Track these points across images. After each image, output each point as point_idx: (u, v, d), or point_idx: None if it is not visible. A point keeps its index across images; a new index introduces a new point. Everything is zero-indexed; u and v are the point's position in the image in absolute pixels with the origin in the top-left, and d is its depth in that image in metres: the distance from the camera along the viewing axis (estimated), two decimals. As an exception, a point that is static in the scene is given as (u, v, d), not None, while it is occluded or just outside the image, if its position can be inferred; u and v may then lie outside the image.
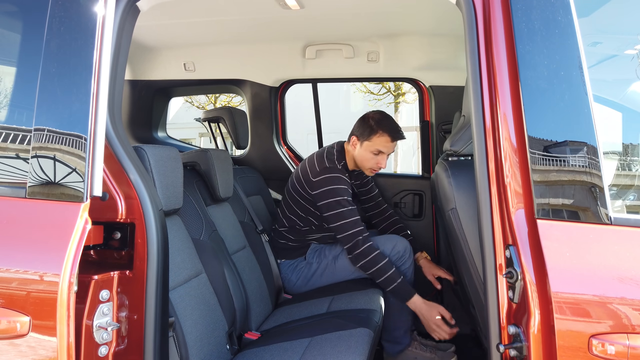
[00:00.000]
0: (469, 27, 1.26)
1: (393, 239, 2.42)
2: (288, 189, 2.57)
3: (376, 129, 2.35)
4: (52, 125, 1.25)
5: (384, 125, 2.35)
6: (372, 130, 2.36)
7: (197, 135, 15.05)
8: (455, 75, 2.76)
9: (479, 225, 1.21)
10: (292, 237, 2.57)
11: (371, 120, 2.38)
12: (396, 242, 2.40)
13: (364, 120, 2.41)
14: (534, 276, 1.09)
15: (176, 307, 1.55)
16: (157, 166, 1.52)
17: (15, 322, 1.17)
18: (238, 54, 2.87)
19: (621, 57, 1.43)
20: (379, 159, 2.39)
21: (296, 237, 2.57)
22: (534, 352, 1.08)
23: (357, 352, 1.67)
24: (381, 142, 2.35)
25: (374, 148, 2.36)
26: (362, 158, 2.41)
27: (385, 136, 2.35)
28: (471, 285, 1.60)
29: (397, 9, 2.23)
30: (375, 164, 2.40)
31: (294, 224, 2.55)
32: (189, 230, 1.83)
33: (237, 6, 2.21)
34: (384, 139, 2.35)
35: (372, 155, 2.38)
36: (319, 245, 2.59)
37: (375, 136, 2.35)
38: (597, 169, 1.12)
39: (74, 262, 1.15)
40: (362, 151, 2.40)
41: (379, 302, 2.22)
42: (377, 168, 2.43)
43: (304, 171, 2.46)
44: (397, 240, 2.41)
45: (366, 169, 2.45)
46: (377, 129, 2.35)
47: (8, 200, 1.28)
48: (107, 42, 1.24)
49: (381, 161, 2.39)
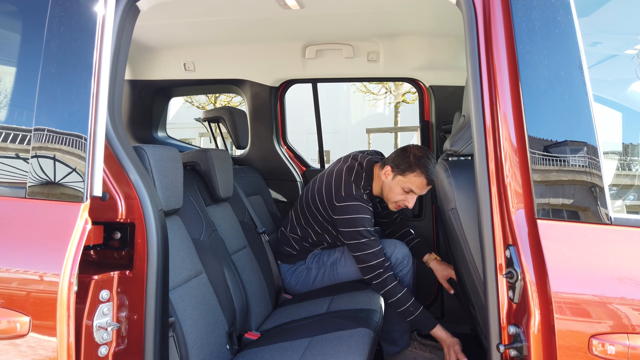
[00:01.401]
0: (469, 27, 1.26)
1: (393, 244, 2.40)
2: (307, 200, 2.45)
3: (415, 168, 2.17)
4: (52, 125, 1.25)
5: (424, 165, 2.17)
6: (409, 166, 2.18)
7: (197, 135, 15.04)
8: (455, 75, 2.76)
9: (479, 225, 1.21)
10: (298, 247, 2.55)
11: (412, 156, 2.19)
12: (395, 247, 2.37)
13: (404, 153, 2.23)
14: (534, 276, 1.09)
15: (176, 307, 1.55)
16: (157, 166, 1.52)
17: (15, 322, 1.17)
18: (238, 54, 2.87)
19: (621, 57, 1.43)
20: (408, 198, 2.24)
21: (303, 247, 2.55)
22: (534, 352, 1.08)
23: (357, 352, 1.67)
24: (416, 182, 2.18)
25: (406, 185, 2.20)
26: (390, 191, 2.26)
27: (422, 178, 2.17)
28: (471, 285, 1.60)
29: (397, 9, 2.22)
30: (403, 200, 2.25)
31: (307, 235, 2.51)
32: (189, 230, 1.83)
33: (237, 6, 2.21)
34: (420, 180, 2.18)
35: (401, 192, 2.23)
36: (319, 250, 2.59)
37: (412, 174, 2.18)
38: (597, 169, 1.12)
39: (74, 262, 1.15)
40: (393, 184, 2.24)
41: (379, 302, 2.22)
42: (402, 205, 2.28)
43: (328, 190, 2.33)
44: (397, 246, 2.38)
45: (391, 202, 2.30)
46: (416, 168, 2.17)
47: (8, 200, 1.28)
48: (107, 42, 1.24)
49: (410, 200, 2.24)
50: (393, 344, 2.41)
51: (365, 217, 2.22)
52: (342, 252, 2.50)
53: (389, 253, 2.35)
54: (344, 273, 2.47)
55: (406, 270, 2.38)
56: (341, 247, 2.52)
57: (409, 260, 2.40)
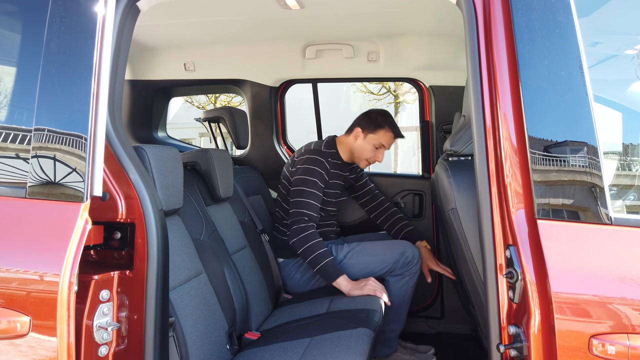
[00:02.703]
0: (469, 27, 1.26)
1: (403, 245, 2.44)
2: (282, 182, 2.64)
3: (383, 125, 2.52)
4: (52, 125, 1.25)
5: (390, 123, 2.55)
6: (378, 125, 2.52)
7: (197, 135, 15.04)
8: (455, 75, 2.76)
9: (479, 225, 1.21)
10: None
11: (378, 117, 2.56)
12: (406, 248, 2.42)
13: (369, 115, 2.58)
14: (534, 276, 1.09)
15: (176, 307, 1.55)
16: (157, 166, 1.52)
17: (16, 322, 1.17)
18: (238, 54, 2.87)
19: (621, 57, 1.43)
20: (378, 153, 2.55)
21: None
22: (534, 352, 1.08)
23: (357, 352, 1.67)
24: (386, 137, 2.53)
25: (377, 142, 2.52)
26: (362, 149, 2.55)
27: (390, 133, 2.53)
28: (471, 285, 1.60)
29: (397, 9, 2.22)
30: (374, 156, 2.56)
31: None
32: (189, 230, 1.83)
33: (237, 6, 2.21)
34: (389, 135, 2.53)
35: (372, 148, 2.53)
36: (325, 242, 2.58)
37: (381, 131, 2.52)
38: (598, 169, 1.12)
39: (74, 262, 1.15)
40: (364, 143, 2.54)
41: (379, 302, 2.22)
42: (373, 161, 2.57)
43: (292, 157, 2.61)
44: (407, 247, 2.43)
45: (362, 160, 2.58)
46: (384, 124, 2.52)
47: (8, 200, 1.28)
48: (107, 42, 1.24)
49: (379, 155, 2.56)
50: (388, 345, 2.41)
51: (319, 171, 2.44)
52: (350, 248, 2.49)
53: (399, 253, 2.39)
54: (348, 267, 2.45)
55: (415, 270, 2.42)
56: (349, 244, 2.53)
57: (418, 260, 2.43)
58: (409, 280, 2.40)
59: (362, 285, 2.25)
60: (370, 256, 2.42)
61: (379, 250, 2.43)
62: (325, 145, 2.59)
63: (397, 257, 2.37)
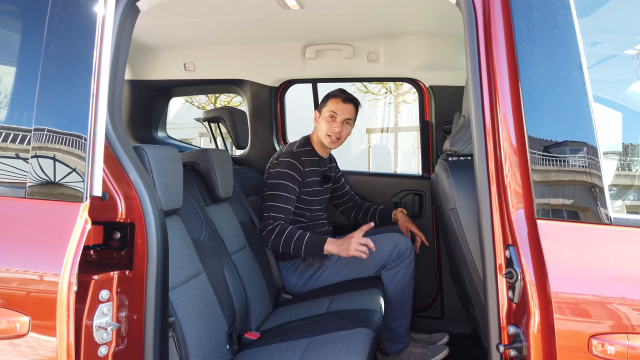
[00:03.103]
0: (469, 27, 1.26)
1: (395, 237, 2.45)
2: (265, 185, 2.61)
3: (330, 95, 2.57)
4: (52, 125, 1.25)
5: (337, 91, 2.58)
6: (327, 97, 2.58)
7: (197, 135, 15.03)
8: (455, 75, 2.76)
9: (479, 225, 1.21)
10: None
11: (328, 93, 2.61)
12: (398, 240, 2.43)
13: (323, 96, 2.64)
14: (533, 276, 1.09)
15: (176, 307, 1.55)
16: (157, 166, 1.52)
17: (15, 322, 1.17)
18: (238, 54, 2.87)
19: (621, 57, 1.43)
20: (333, 124, 2.52)
21: None
22: (533, 353, 1.08)
23: (357, 352, 1.67)
24: (334, 104, 2.53)
25: (327, 113, 2.53)
26: (320, 129, 2.56)
27: (334, 98, 2.54)
28: (471, 285, 1.60)
29: (397, 9, 2.22)
30: (330, 128, 2.52)
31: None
32: (189, 230, 1.83)
33: (237, 6, 2.21)
34: (334, 100, 2.54)
35: (328, 121, 2.53)
36: None
37: (328, 101, 2.55)
38: (597, 169, 1.12)
39: (74, 262, 1.15)
40: (320, 122, 2.57)
41: (379, 302, 2.21)
42: (331, 133, 2.53)
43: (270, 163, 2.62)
44: (399, 238, 2.44)
45: (324, 137, 2.55)
46: (331, 95, 2.57)
47: (8, 200, 1.28)
48: (107, 42, 1.24)
49: (336, 125, 2.52)
50: (397, 341, 2.41)
51: (291, 174, 2.45)
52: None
53: (392, 246, 2.40)
54: (348, 270, 2.45)
55: (409, 261, 2.43)
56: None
57: (412, 251, 2.45)
58: (405, 272, 2.41)
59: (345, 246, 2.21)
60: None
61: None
62: (298, 145, 2.61)
63: (390, 249, 2.39)
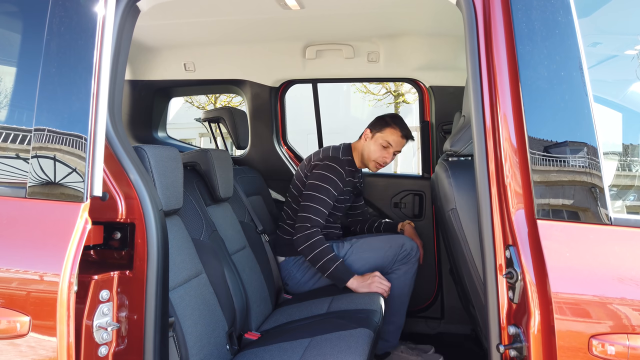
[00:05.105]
0: (469, 27, 1.26)
1: (402, 238, 2.47)
2: (294, 182, 2.63)
3: (390, 123, 2.54)
4: (52, 125, 1.25)
5: (398, 122, 2.56)
6: (386, 123, 2.55)
7: (197, 135, 15.04)
8: (455, 75, 2.76)
9: (479, 225, 1.21)
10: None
11: (387, 117, 2.59)
12: (405, 240, 2.46)
13: (380, 118, 2.61)
14: (534, 276, 1.09)
15: (176, 307, 1.55)
16: (157, 166, 1.52)
17: (15, 322, 1.17)
18: (238, 54, 2.87)
19: (621, 58, 1.43)
20: (385, 153, 2.53)
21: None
22: (534, 353, 1.08)
23: (357, 353, 1.67)
24: (392, 135, 2.52)
25: (384, 140, 2.52)
26: (370, 150, 2.55)
27: (397, 131, 2.53)
28: (471, 286, 1.60)
29: (397, 9, 2.22)
30: (381, 156, 2.54)
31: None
32: (189, 230, 1.83)
33: (237, 6, 2.21)
34: (396, 133, 2.53)
35: (380, 147, 2.53)
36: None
37: (388, 129, 2.53)
38: (597, 170, 1.12)
39: (74, 262, 1.15)
40: (372, 143, 2.55)
41: (379, 302, 2.22)
42: (381, 162, 2.55)
43: (309, 160, 2.61)
44: (405, 239, 2.47)
45: (370, 161, 2.56)
46: (391, 123, 2.54)
47: (8, 200, 1.28)
48: (107, 42, 1.24)
49: (387, 156, 2.54)
50: (385, 339, 2.41)
51: (335, 180, 2.44)
52: (351, 244, 2.50)
53: (399, 245, 2.43)
54: (349, 265, 2.46)
55: (413, 261, 2.46)
56: (349, 241, 2.54)
57: (417, 252, 2.47)
58: (408, 271, 2.43)
59: (368, 283, 2.28)
60: (371, 251, 2.46)
61: (379, 244, 2.46)
62: (343, 152, 2.59)
63: (396, 250, 2.42)
